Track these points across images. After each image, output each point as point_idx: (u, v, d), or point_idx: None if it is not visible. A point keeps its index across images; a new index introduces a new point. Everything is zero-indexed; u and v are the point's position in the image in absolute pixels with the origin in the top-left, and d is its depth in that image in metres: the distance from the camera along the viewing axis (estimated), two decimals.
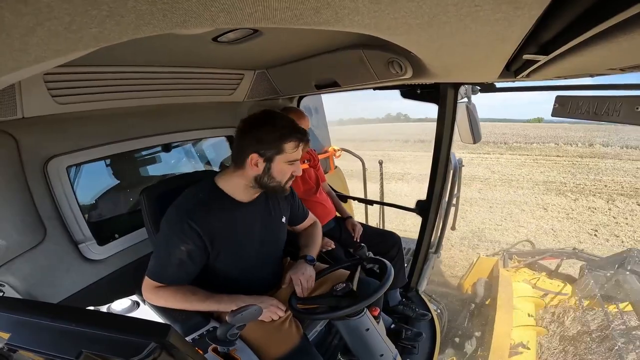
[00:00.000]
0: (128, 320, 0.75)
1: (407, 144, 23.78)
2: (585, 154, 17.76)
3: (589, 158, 16.45)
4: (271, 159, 1.12)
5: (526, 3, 0.45)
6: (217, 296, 1.17)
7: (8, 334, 0.51)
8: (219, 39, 1.07)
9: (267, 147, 1.11)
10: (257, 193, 1.25)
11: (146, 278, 1.15)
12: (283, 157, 1.13)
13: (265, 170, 1.14)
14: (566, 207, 10.12)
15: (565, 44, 0.56)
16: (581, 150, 19.05)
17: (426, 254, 2.15)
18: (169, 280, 1.15)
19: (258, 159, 1.12)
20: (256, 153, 1.11)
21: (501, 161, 16.32)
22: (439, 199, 1.92)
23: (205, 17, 0.44)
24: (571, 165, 15.04)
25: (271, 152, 1.11)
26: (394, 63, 1.19)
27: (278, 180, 1.17)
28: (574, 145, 20.24)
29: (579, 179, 12.72)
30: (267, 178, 1.15)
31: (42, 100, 1.24)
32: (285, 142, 1.11)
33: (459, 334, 3.99)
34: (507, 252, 5.34)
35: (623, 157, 16.59)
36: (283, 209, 1.40)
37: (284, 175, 1.17)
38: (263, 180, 1.16)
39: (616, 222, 8.89)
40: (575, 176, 13.33)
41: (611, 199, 10.53)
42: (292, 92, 2.06)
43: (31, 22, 0.35)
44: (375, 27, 0.58)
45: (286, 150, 1.12)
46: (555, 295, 4.27)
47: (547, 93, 1.46)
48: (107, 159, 1.72)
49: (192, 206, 1.14)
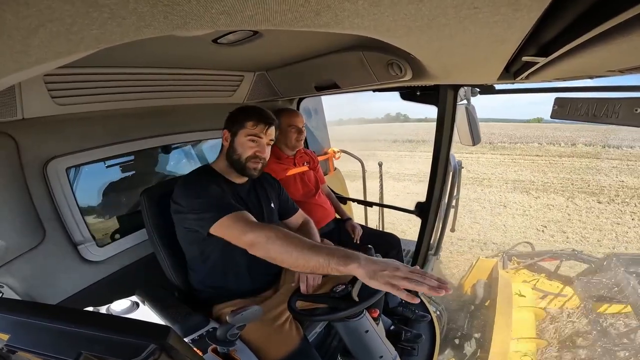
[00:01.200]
0: (127, 321, 0.75)
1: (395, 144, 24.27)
2: (565, 153, 18.25)
3: (567, 157, 16.91)
4: (235, 133, 1.30)
5: (525, 5, 0.45)
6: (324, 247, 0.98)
7: (7, 335, 0.51)
8: (219, 40, 1.07)
9: (233, 124, 1.31)
10: (242, 177, 1.38)
11: (222, 221, 1.07)
12: (244, 131, 1.29)
13: (231, 144, 1.31)
14: (525, 204, 10.57)
15: (564, 45, 0.57)
16: (562, 149, 19.53)
17: (426, 255, 2.14)
18: (233, 205, 1.13)
19: (227, 134, 1.32)
20: (227, 129, 1.33)
21: (481, 161, 16.73)
22: (438, 201, 1.92)
23: (206, 19, 0.44)
24: (547, 164, 15.50)
25: (235, 128, 1.30)
26: (394, 65, 1.19)
27: (239, 152, 1.29)
28: (556, 145, 20.71)
29: (549, 178, 13.16)
30: (231, 151, 1.31)
31: (42, 102, 1.24)
32: (247, 120, 1.29)
33: (459, 336, 3.99)
34: (507, 254, 5.34)
35: (602, 156, 17.14)
36: (271, 196, 1.48)
37: (244, 149, 1.29)
38: (229, 153, 1.32)
39: (569, 219, 9.29)
40: (546, 174, 13.82)
41: (572, 197, 11.03)
42: (292, 94, 2.06)
43: (33, 24, 0.35)
44: (375, 29, 0.59)
45: (247, 126, 1.29)
46: (555, 297, 4.27)
47: (547, 94, 1.46)
48: (107, 160, 1.72)
49: (190, 176, 1.31)
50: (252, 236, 1.02)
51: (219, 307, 1.30)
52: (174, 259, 1.36)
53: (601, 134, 22.50)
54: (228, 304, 1.29)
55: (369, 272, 0.84)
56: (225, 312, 1.23)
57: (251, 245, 1.02)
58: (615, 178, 13.11)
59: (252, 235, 1.02)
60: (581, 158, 16.67)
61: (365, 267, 0.85)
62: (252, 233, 1.02)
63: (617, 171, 14.10)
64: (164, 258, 1.37)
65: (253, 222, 1.09)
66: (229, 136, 1.32)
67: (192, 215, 1.15)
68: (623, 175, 13.41)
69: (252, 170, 1.31)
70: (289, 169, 2.01)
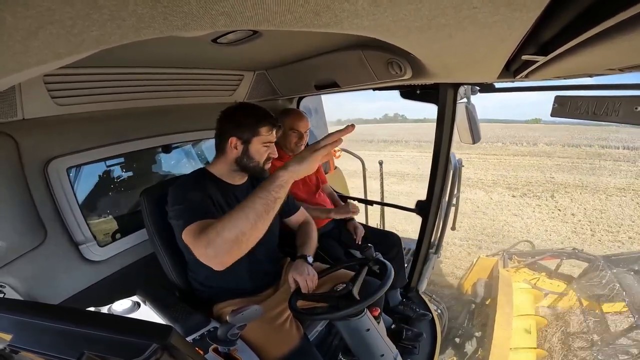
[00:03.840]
0: (129, 321, 0.75)
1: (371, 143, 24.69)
2: (522, 152, 18.85)
3: (521, 156, 17.58)
4: (248, 141, 1.25)
5: (524, 5, 0.45)
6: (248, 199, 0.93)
7: (10, 335, 0.51)
8: (219, 40, 1.07)
9: (244, 131, 1.24)
10: (244, 177, 1.37)
11: (185, 230, 1.02)
12: (259, 139, 1.25)
13: (244, 152, 1.26)
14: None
15: (564, 44, 0.56)
16: (523, 149, 20.17)
17: (426, 254, 2.15)
18: (202, 214, 1.05)
19: (237, 142, 1.25)
20: (235, 137, 1.24)
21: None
22: (438, 199, 1.92)
23: (206, 20, 0.44)
24: (495, 163, 16.20)
25: (248, 135, 1.24)
26: (394, 64, 1.19)
27: (256, 160, 1.28)
28: (518, 145, 21.34)
29: (486, 175, 13.79)
30: (246, 159, 1.27)
31: (42, 102, 1.24)
32: (261, 126, 1.24)
33: (460, 334, 4.00)
34: (507, 253, 5.35)
35: (555, 155, 17.99)
36: None
37: (261, 155, 1.28)
38: (243, 161, 1.27)
39: (474, 210, 9.98)
40: (487, 172, 14.51)
41: (492, 191, 11.90)
42: (291, 93, 2.06)
43: (33, 25, 0.35)
44: (375, 29, 0.59)
45: (261, 133, 1.25)
46: (555, 297, 4.28)
47: (546, 93, 1.46)
48: (107, 160, 1.72)
49: (187, 179, 1.27)
50: (204, 239, 0.91)
51: (220, 306, 1.30)
52: (174, 258, 1.37)
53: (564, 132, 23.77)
54: (228, 303, 1.29)
55: (296, 170, 0.89)
56: (225, 311, 1.23)
57: (206, 247, 0.90)
58: (548, 174, 13.92)
59: (201, 238, 0.93)
60: (533, 157, 17.52)
61: (292, 169, 0.89)
62: (201, 236, 0.93)
63: (557, 168, 15.00)
64: (164, 258, 1.37)
65: (205, 227, 0.95)
66: (238, 144, 1.25)
67: (173, 221, 1.15)
68: (558, 172, 14.28)
69: (268, 172, 1.33)
70: None
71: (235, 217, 0.87)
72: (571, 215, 9.82)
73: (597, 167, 15.13)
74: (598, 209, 10.23)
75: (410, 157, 18.34)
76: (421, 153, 18.90)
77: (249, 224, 0.86)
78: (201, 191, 1.17)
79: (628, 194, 11.50)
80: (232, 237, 0.87)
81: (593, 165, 15.59)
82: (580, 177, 13.55)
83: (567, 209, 10.32)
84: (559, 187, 12.22)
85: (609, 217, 9.57)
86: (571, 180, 13.02)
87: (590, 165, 15.48)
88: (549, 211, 10.19)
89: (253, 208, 0.87)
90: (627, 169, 14.52)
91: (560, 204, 10.69)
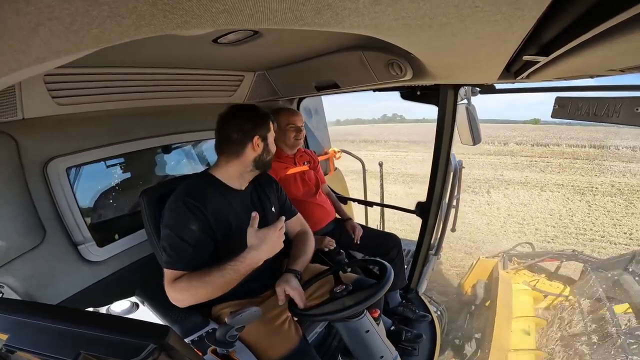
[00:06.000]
0: (127, 321, 0.75)
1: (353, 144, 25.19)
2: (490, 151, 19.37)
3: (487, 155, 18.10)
4: (266, 137, 1.30)
5: (526, 4, 0.45)
6: (225, 265, 1.10)
7: (6, 335, 0.51)
8: (219, 40, 1.07)
9: (262, 129, 1.28)
10: (250, 179, 1.36)
11: (165, 273, 1.11)
12: (271, 134, 1.32)
13: (264, 148, 1.30)
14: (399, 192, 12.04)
15: (565, 45, 0.56)
16: (493, 148, 20.77)
17: (426, 255, 2.14)
18: (186, 263, 1.11)
19: (258, 141, 1.27)
20: (257, 136, 1.26)
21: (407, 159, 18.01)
22: (439, 201, 1.92)
23: (206, 18, 0.44)
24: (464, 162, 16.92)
25: (264, 132, 1.29)
26: (394, 64, 1.19)
27: (272, 152, 1.34)
28: (490, 145, 21.93)
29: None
30: (265, 154, 1.31)
31: (42, 102, 1.24)
32: (270, 122, 1.32)
33: (459, 336, 3.99)
34: (507, 254, 5.34)
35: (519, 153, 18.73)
36: (272, 199, 1.44)
37: (273, 147, 1.35)
38: (262, 158, 1.30)
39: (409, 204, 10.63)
40: None
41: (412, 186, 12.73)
42: (292, 94, 2.06)
43: (32, 23, 0.35)
44: (376, 28, 0.58)
45: (271, 127, 1.32)
46: (555, 299, 4.27)
47: (546, 94, 1.46)
48: (107, 160, 1.72)
49: (189, 189, 1.22)
50: (177, 287, 1.09)
51: (218, 307, 1.29)
52: None
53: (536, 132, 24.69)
54: (227, 304, 1.28)
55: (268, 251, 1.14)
56: (224, 312, 1.22)
57: (178, 294, 1.09)
58: (499, 172, 14.57)
59: (176, 286, 1.09)
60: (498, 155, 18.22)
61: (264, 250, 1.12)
62: (176, 284, 1.09)
63: (513, 166, 15.65)
64: None
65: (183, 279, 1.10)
66: (259, 142, 1.27)
67: (161, 242, 1.16)
68: (511, 170, 14.97)
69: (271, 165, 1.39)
70: (289, 168, 2.00)
71: (210, 283, 1.07)
72: (496, 210, 10.62)
73: (551, 165, 15.85)
74: (524, 204, 11.04)
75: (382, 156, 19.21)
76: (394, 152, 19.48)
77: (218, 290, 1.09)
78: (197, 222, 1.14)
79: (563, 189, 12.19)
80: (202, 296, 1.09)
81: (549, 163, 16.27)
82: (529, 174, 14.25)
83: (495, 203, 11.17)
84: (501, 184, 13.07)
85: (528, 211, 10.40)
86: (517, 178, 13.71)
87: (547, 164, 16.14)
88: (479, 205, 10.96)
89: (224, 278, 1.08)
90: (581, 167, 15.20)
91: (492, 200, 11.53)
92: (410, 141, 24.80)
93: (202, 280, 1.08)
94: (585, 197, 11.48)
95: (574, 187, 12.47)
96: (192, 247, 1.12)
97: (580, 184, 12.85)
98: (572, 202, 11.09)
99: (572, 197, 11.60)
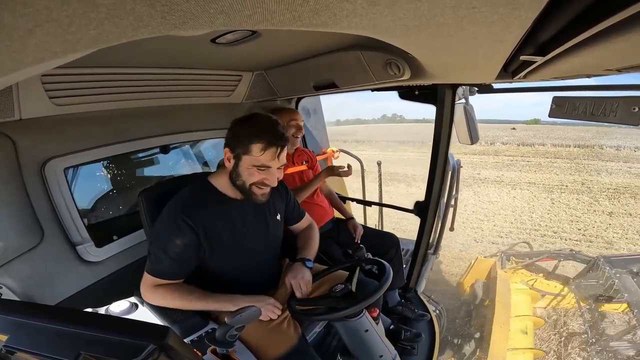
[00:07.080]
0: (126, 322, 0.74)
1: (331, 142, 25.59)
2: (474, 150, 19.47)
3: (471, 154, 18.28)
4: (239, 156, 1.11)
5: (523, 4, 0.45)
6: (215, 295, 1.17)
7: (6, 336, 0.51)
8: (218, 40, 1.07)
9: (237, 144, 1.10)
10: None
11: (145, 275, 1.15)
12: (249, 158, 1.09)
13: (234, 167, 1.13)
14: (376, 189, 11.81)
15: (562, 44, 0.57)
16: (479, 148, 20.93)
17: (425, 254, 2.15)
18: (166, 274, 1.14)
19: (229, 154, 1.13)
20: (228, 148, 1.13)
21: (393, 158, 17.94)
22: (437, 200, 1.92)
23: (204, 19, 0.44)
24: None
25: (239, 150, 1.10)
26: (392, 64, 1.19)
27: (243, 179, 1.13)
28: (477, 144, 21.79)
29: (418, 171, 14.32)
30: (234, 175, 1.14)
31: (40, 102, 1.23)
32: (253, 142, 1.07)
33: (458, 335, 4.00)
34: (505, 254, 5.36)
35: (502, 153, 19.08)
36: (277, 206, 1.38)
37: (250, 176, 1.12)
38: (232, 176, 1.15)
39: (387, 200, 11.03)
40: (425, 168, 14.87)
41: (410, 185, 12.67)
42: (290, 93, 2.06)
43: (30, 24, 0.34)
44: (374, 28, 0.59)
45: (252, 151, 1.08)
46: (553, 298, 4.29)
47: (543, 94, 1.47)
48: (105, 160, 1.71)
49: (184, 202, 1.17)
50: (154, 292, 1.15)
51: None
52: None
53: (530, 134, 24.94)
54: None
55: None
56: (224, 312, 1.23)
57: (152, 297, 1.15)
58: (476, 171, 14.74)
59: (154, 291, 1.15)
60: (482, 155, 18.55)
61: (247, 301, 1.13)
62: (155, 289, 1.15)
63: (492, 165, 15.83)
64: None
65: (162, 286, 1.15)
66: (231, 157, 1.12)
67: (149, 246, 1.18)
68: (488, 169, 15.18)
69: (258, 197, 1.17)
70: (288, 167, 2.00)
71: (187, 302, 1.14)
72: (463, 207, 10.23)
73: (530, 164, 15.94)
74: (491, 201, 11.10)
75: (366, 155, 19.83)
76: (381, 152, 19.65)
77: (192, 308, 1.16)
78: (184, 238, 1.11)
79: (534, 187, 12.26)
80: (173, 306, 1.15)
81: (529, 162, 16.38)
82: (505, 173, 14.38)
83: (463, 200, 10.76)
84: (474, 183, 13.04)
85: (492, 208, 10.47)
86: (492, 176, 13.81)
87: (527, 163, 16.25)
88: None
89: (204, 304, 1.15)
90: (559, 166, 15.25)
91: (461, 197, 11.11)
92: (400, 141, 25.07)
93: (183, 298, 1.14)
94: (552, 195, 11.53)
95: (544, 185, 12.54)
96: (172, 260, 1.12)
97: (552, 182, 12.93)
98: (538, 200, 11.19)
99: (539, 194, 11.67)
